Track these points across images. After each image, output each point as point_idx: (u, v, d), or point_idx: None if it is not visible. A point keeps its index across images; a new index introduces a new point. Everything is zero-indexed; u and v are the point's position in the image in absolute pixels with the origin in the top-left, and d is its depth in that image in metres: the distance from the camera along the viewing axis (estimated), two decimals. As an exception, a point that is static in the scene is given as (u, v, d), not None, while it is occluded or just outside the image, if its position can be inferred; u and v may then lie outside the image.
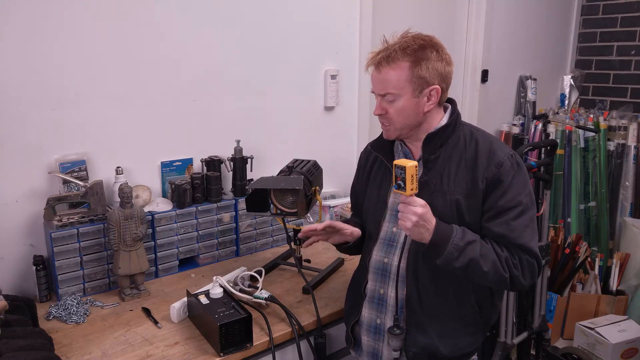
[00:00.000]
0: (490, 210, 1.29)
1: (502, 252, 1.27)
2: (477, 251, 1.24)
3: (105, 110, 1.78)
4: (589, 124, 3.18)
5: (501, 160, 1.28)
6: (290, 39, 2.21)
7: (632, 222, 2.97)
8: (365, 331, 1.46)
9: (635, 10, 3.33)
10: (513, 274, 1.27)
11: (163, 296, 1.71)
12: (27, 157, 1.66)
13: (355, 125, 2.53)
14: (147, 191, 1.88)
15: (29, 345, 1.23)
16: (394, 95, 1.30)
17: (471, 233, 1.28)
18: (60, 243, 1.62)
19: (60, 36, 1.65)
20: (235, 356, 1.39)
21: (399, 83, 1.28)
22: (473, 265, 1.24)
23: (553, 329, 2.66)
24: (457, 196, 1.29)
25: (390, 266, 1.39)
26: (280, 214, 1.73)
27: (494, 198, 1.28)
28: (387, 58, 1.28)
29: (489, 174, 1.28)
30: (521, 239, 1.27)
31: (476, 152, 1.32)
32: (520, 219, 1.27)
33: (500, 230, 1.27)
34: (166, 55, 1.88)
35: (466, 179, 1.30)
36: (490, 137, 1.37)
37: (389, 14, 2.58)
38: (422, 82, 1.29)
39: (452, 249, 1.23)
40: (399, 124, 1.33)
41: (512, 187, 1.27)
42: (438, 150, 1.34)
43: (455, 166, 1.32)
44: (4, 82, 1.58)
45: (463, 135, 1.35)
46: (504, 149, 1.32)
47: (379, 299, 1.42)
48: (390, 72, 1.28)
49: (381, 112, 1.34)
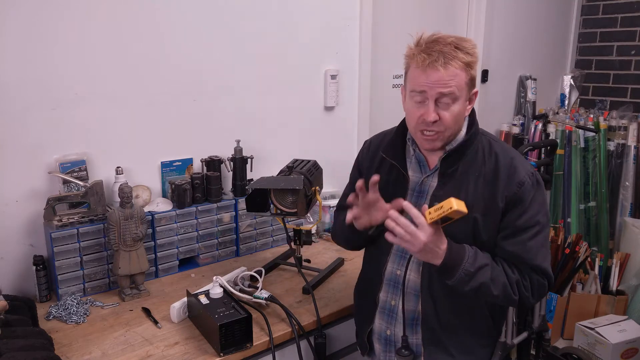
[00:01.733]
0: (507, 228, 1.24)
1: (513, 274, 1.24)
2: (487, 275, 1.20)
3: (105, 110, 1.78)
4: (589, 124, 3.18)
5: (522, 179, 1.23)
6: (290, 39, 2.21)
7: (632, 222, 2.97)
8: (376, 339, 1.43)
9: (635, 10, 3.33)
10: (523, 295, 1.24)
11: (163, 296, 1.71)
12: (27, 157, 1.66)
13: (355, 125, 2.53)
14: (147, 191, 1.88)
15: (29, 345, 1.23)
16: (455, 97, 1.18)
17: (483, 255, 1.23)
18: (60, 243, 1.62)
19: (61, 36, 1.65)
20: (235, 356, 1.39)
21: (461, 83, 1.18)
22: (483, 289, 1.21)
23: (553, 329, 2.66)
24: (475, 214, 1.23)
25: (402, 279, 1.33)
26: (280, 214, 1.73)
27: (512, 217, 1.24)
28: (451, 56, 1.16)
29: (509, 193, 1.23)
30: (536, 259, 1.24)
31: (496, 167, 1.25)
32: (535, 239, 1.24)
33: (515, 250, 1.24)
34: (166, 55, 1.88)
35: (484, 196, 1.24)
36: (510, 151, 1.31)
37: (388, 14, 2.58)
38: (472, 84, 1.22)
39: (462, 273, 1.19)
40: (450, 131, 1.23)
41: (531, 207, 1.23)
42: (456, 163, 1.27)
43: (473, 182, 1.26)
44: (4, 82, 1.58)
45: (482, 146, 1.29)
46: (525, 165, 1.27)
47: (390, 310, 1.38)
48: (456, 72, 1.16)
49: (436, 119, 1.19)
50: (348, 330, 1.66)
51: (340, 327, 1.67)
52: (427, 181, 1.32)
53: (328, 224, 2.31)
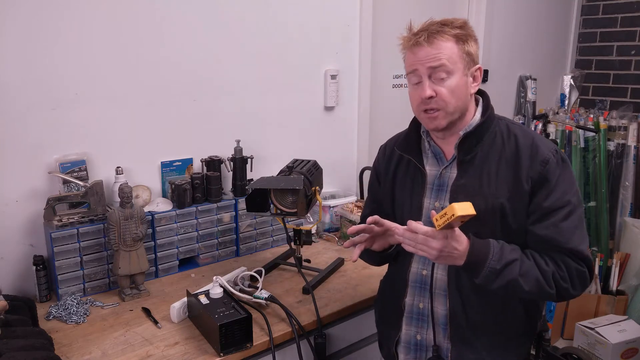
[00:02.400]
0: (536, 212, 1.18)
1: (547, 267, 1.16)
2: (516, 272, 1.14)
3: (105, 110, 1.78)
4: (589, 124, 3.18)
5: (546, 157, 1.18)
6: (290, 39, 2.21)
7: (632, 222, 2.97)
8: (403, 349, 1.37)
9: (635, 10, 3.33)
10: (561, 287, 1.17)
11: (163, 296, 1.71)
12: (27, 157, 1.66)
13: (355, 125, 2.53)
14: (147, 191, 1.89)
15: (29, 345, 1.23)
16: (448, 70, 1.16)
17: (511, 250, 1.17)
18: (60, 243, 1.62)
19: (61, 36, 1.65)
20: (235, 356, 1.39)
21: (453, 56, 1.16)
22: (513, 286, 1.15)
23: (553, 329, 2.67)
24: (501, 200, 1.18)
25: (429, 279, 1.29)
26: (280, 214, 1.73)
27: (540, 199, 1.18)
28: (436, 32, 1.16)
29: (534, 173, 1.17)
30: (571, 242, 1.17)
31: (517, 148, 1.20)
32: (568, 220, 1.17)
33: (547, 234, 1.17)
34: (166, 55, 1.88)
35: (508, 180, 1.19)
36: (530, 131, 1.25)
37: (388, 14, 2.58)
38: (470, 59, 1.19)
39: (488, 271, 1.14)
40: (451, 106, 1.18)
41: (559, 186, 1.17)
42: (474, 149, 1.22)
43: (495, 166, 1.21)
44: (4, 82, 1.58)
45: (499, 130, 1.24)
46: (547, 144, 1.21)
47: (418, 314, 1.33)
48: (443, 44, 1.16)
49: (432, 94, 1.17)
50: (348, 330, 1.66)
51: (340, 327, 1.67)
52: (446, 173, 1.28)
53: (328, 224, 2.31)
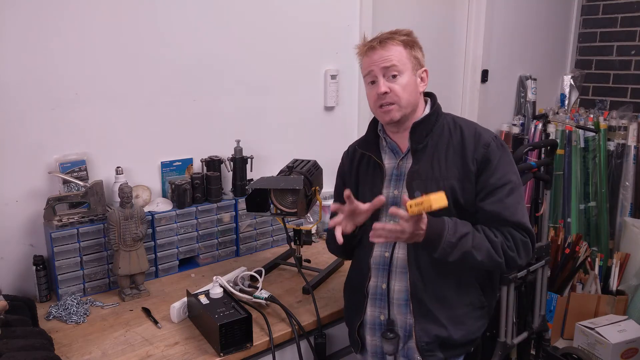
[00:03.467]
0: (483, 189, 1.33)
1: (496, 238, 1.30)
2: (469, 243, 1.27)
3: (105, 110, 1.78)
4: (589, 124, 3.17)
5: (487, 141, 1.35)
6: (290, 39, 2.21)
7: (632, 222, 2.97)
8: (369, 330, 1.45)
9: (635, 10, 3.33)
10: (509, 256, 1.30)
11: (163, 296, 1.71)
12: (27, 157, 1.66)
13: (355, 125, 2.53)
14: (147, 191, 1.89)
15: (29, 345, 1.23)
16: (399, 69, 1.34)
17: (462, 224, 1.30)
18: (60, 243, 1.62)
19: (60, 36, 1.65)
20: (235, 356, 1.39)
21: (402, 58, 1.35)
22: (467, 257, 1.28)
23: (553, 329, 2.67)
24: (452, 181, 1.34)
25: (390, 259, 1.39)
26: (280, 214, 1.73)
27: (485, 177, 1.33)
28: (385, 39, 1.35)
29: (478, 155, 1.34)
30: (515, 215, 1.31)
31: (462, 137, 1.37)
32: (512, 196, 1.32)
33: (494, 209, 1.31)
34: (166, 55, 1.88)
35: (457, 164, 1.35)
36: (472, 123, 1.43)
37: (389, 14, 2.58)
38: (416, 62, 1.37)
39: (445, 245, 1.26)
40: (404, 100, 1.35)
41: (500, 166, 1.33)
42: (424, 139, 1.39)
43: (444, 153, 1.37)
44: (4, 82, 1.58)
45: (447, 123, 1.41)
46: (488, 132, 1.39)
47: (381, 295, 1.41)
48: (394, 47, 1.34)
49: (387, 90, 1.35)
50: (348, 330, 1.66)
51: (340, 327, 1.67)
52: (403, 164, 1.42)
53: (328, 224, 2.30)
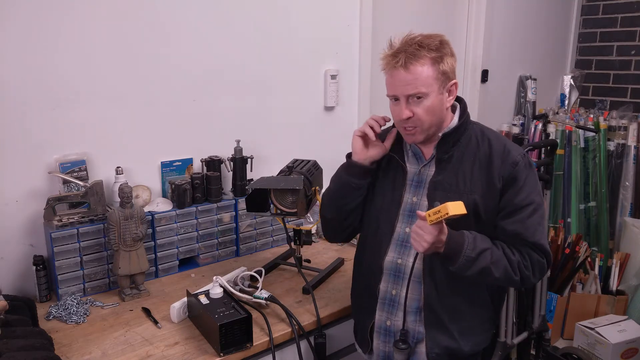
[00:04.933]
0: (506, 208, 1.31)
1: (514, 256, 1.28)
2: (488, 259, 1.26)
3: (105, 110, 1.78)
4: (589, 124, 3.18)
5: (516, 160, 1.31)
6: (290, 39, 2.21)
7: (632, 222, 2.97)
8: (376, 334, 1.44)
9: (635, 10, 3.33)
10: (524, 275, 1.29)
11: (163, 296, 1.71)
12: (27, 157, 1.66)
13: (355, 125, 2.52)
14: (147, 191, 1.88)
15: (29, 345, 1.23)
16: (424, 93, 1.26)
17: (482, 239, 1.28)
18: (60, 243, 1.62)
19: (61, 36, 1.65)
20: (235, 356, 1.39)
21: (428, 80, 1.26)
22: (485, 273, 1.26)
23: (553, 329, 2.66)
24: (475, 196, 1.31)
25: (405, 267, 1.37)
26: (280, 214, 1.73)
27: (509, 196, 1.30)
28: (413, 55, 1.25)
29: (505, 173, 1.30)
30: (534, 236, 1.29)
31: (490, 151, 1.33)
32: (533, 217, 1.30)
33: (515, 228, 1.29)
34: (166, 55, 1.88)
35: (482, 178, 1.32)
36: (502, 137, 1.39)
37: (389, 14, 2.58)
38: (445, 77, 1.29)
39: (464, 260, 1.24)
40: (427, 124, 1.30)
41: (526, 186, 1.30)
42: (451, 149, 1.35)
43: (469, 166, 1.33)
44: (4, 82, 1.58)
45: (474, 134, 1.37)
46: (517, 148, 1.35)
47: (391, 300, 1.40)
48: (419, 70, 1.25)
49: (409, 115, 1.28)
50: (348, 330, 1.66)
51: (340, 327, 1.67)
52: (425, 170, 1.39)
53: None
